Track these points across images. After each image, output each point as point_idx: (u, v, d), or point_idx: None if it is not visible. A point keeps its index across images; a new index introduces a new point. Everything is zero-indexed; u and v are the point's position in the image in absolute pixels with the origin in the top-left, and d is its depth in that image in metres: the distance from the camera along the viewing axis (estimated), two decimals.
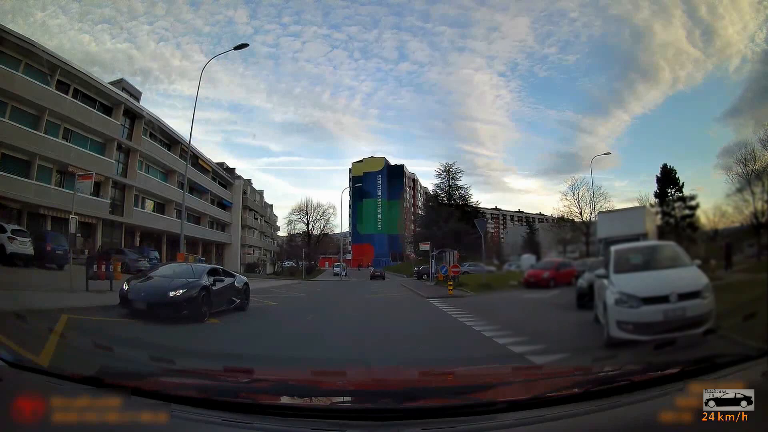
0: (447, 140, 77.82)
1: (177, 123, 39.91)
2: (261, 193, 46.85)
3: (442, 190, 45.59)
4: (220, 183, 38.42)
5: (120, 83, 27.19)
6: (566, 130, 67.16)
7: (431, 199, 46.31)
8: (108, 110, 24.75)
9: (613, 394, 1.65)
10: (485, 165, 74.52)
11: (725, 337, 3.23)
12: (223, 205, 38.61)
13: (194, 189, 33.39)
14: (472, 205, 42.86)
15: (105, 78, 26.46)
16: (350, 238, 68.77)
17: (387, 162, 69.31)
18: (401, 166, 69.60)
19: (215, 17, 65.93)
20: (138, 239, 26.97)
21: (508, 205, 47.16)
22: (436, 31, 75.54)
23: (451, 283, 15.21)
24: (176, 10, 61.07)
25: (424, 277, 30.05)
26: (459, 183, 47.00)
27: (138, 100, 28.38)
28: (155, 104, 75.70)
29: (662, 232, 12.17)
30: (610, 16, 58.23)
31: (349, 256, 58.14)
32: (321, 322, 9.90)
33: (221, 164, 40.28)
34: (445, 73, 74.18)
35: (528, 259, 16.52)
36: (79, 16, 44.47)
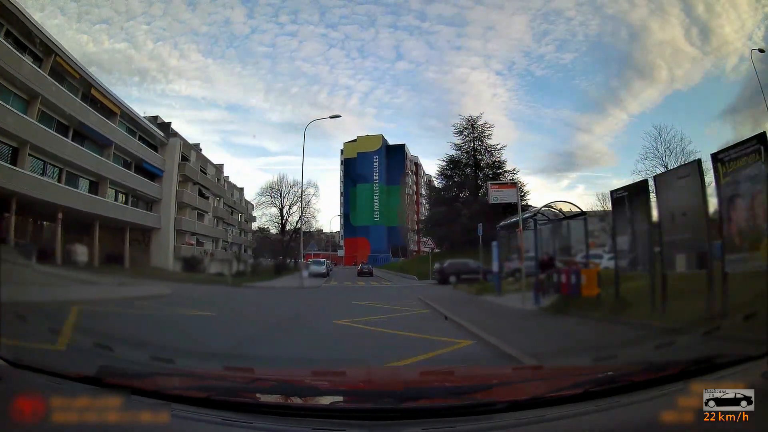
0: (444, 138, 77.20)
1: (174, 124, 35.54)
2: (219, 166, 36.16)
3: (463, 152, 31.90)
4: (142, 139, 26.76)
5: None
6: (563, 129, 67.11)
7: (450, 164, 32.27)
8: None
9: (613, 394, 1.66)
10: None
11: (725, 337, 3.24)
12: (147, 172, 26.48)
13: (87, 137, 21.82)
14: (508, 175, 29.26)
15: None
16: (342, 232, 59.33)
17: (385, 141, 59.45)
18: (402, 146, 59.31)
19: (212, 17, 65.94)
20: None
21: None
22: (432, 30, 75.84)
23: None
24: (174, 10, 61.06)
25: (452, 279, 19.12)
26: (490, 142, 31.82)
27: None
28: (152, 104, 75.59)
29: None
30: (606, 14, 58.23)
31: (341, 252, 51.88)
32: None
33: (154, 118, 29.39)
34: (442, 72, 74.41)
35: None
36: (78, 16, 44.25)
